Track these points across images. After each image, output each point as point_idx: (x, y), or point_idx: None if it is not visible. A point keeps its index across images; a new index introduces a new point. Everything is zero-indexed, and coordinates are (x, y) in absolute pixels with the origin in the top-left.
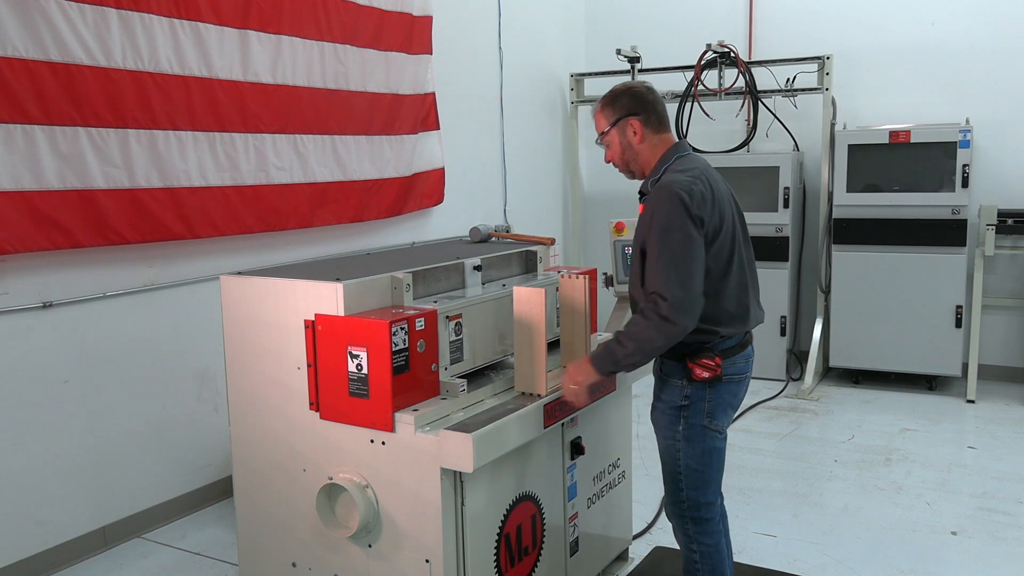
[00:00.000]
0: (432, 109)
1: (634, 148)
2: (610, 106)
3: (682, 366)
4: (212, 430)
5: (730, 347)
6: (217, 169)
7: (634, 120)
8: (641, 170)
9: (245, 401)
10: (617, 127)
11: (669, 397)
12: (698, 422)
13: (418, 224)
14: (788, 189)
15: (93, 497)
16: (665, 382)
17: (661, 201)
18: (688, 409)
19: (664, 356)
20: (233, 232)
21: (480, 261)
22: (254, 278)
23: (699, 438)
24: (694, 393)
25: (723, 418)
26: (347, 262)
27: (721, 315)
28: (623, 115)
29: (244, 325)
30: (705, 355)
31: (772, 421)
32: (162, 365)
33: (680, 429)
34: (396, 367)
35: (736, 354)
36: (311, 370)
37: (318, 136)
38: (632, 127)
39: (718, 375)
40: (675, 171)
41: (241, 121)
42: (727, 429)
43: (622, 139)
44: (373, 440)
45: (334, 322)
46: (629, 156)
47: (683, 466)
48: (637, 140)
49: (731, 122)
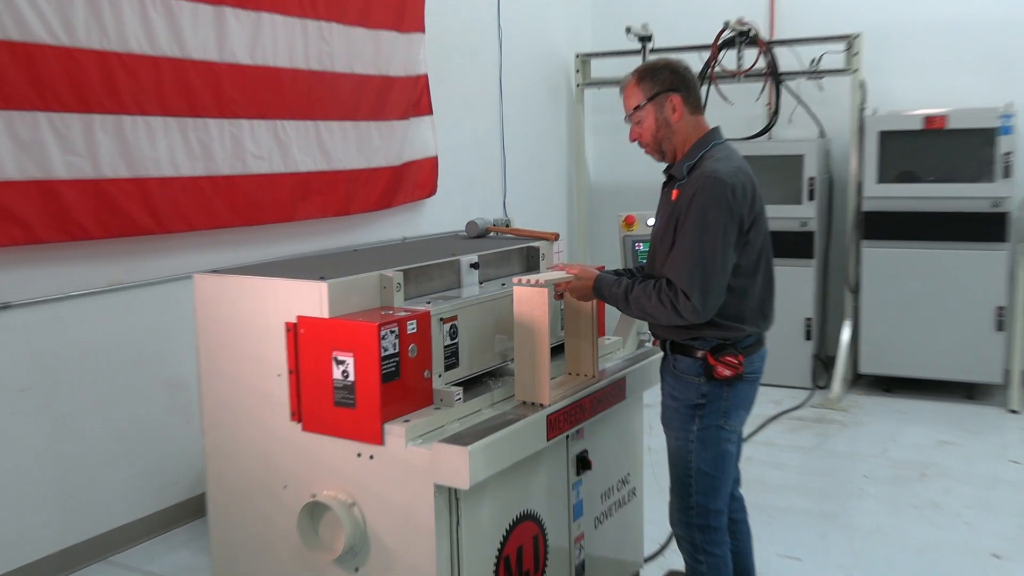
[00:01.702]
0: (425, 92)
1: (671, 126)
2: (649, 79)
3: (701, 363)
4: (184, 443)
5: (749, 345)
6: (190, 158)
7: (675, 97)
8: (674, 151)
9: (220, 411)
10: (655, 102)
11: (684, 395)
12: (714, 422)
13: (409, 218)
14: (813, 180)
15: (52, 516)
16: (679, 379)
17: (704, 190)
18: (704, 408)
19: (678, 352)
20: (207, 227)
21: (477, 258)
22: (230, 277)
23: (713, 440)
24: (712, 391)
25: (737, 419)
26: (332, 259)
27: (746, 312)
28: (663, 90)
29: (219, 328)
30: (728, 352)
31: (796, 433)
32: (129, 372)
33: (694, 429)
34: (385, 374)
35: (753, 353)
36: (292, 377)
37: (300, 122)
38: (672, 103)
39: (740, 373)
40: (716, 159)
41: (216, 106)
42: (739, 432)
43: (659, 115)
44: (360, 454)
45: (318, 325)
46: (664, 135)
47: (695, 469)
48: (676, 118)
49: (751, 107)
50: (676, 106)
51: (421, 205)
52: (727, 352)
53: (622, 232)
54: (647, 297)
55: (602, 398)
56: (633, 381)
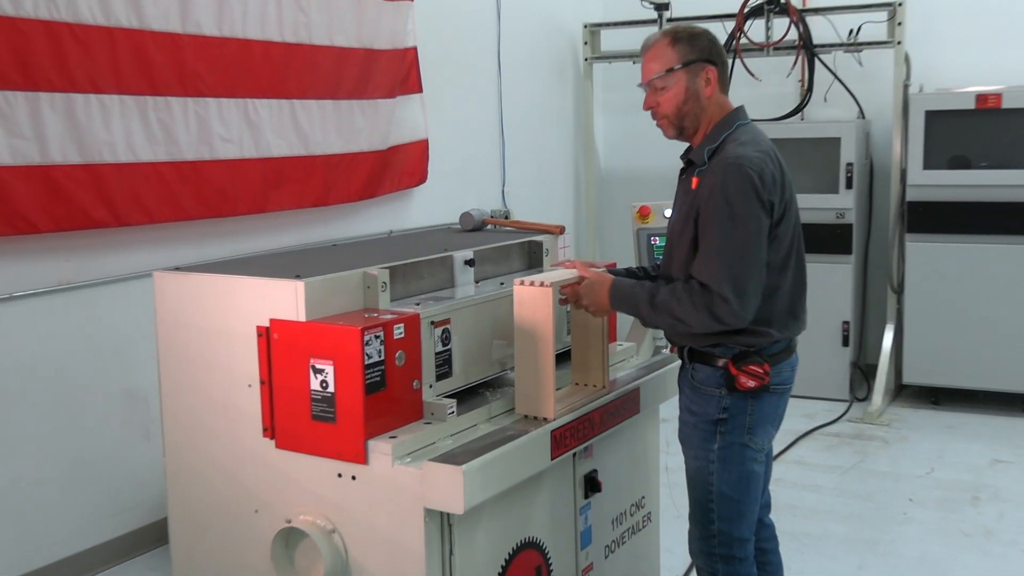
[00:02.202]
0: (413, 67)
1: (700, 101)
2: (686, 43)
3: (722, 373)
4: (143, 462)
5: (777, 353)
6: (149, 142)
7: (712, 69)
8: (694, 129)
9: (183, 427)
10: (689, 70)
11: (703, 409)
12: (737, 439)
13: (396, 208)
14: (851, 166)
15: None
16: (697, 391)
17: (729, 179)
18: (726, 424)
19: (696, 360)
20: (169, 219)
21: (472, 254)
22: (194, 275)
23: (737, 459)
24: (734, 405)
25: (763, 436)
26: (309, 255)
27: (774, 315)
28: (701, 58)
29: (182, 333)
30: (753, 360)
31: (832, 451)
32: (81, 383)
33: (715, 448)
34: (369, 384)
35: (782, 361)
36: (265, 388)
37: (274, 101)
38: (708, 75)
39: (765, 384)
40: (740, 142)
41: (179, 82)
42: (766, 451)
43: (690, 86)
44: (341, 474)
45: (293, 329)
46: (690, 109)
47: (716, 493)
48: (709, 92)
49: (781, 83)
50: (711, 79)
51: (409, 194)
52: (751, 360)
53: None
54: (677, 301)
55: (613, 411)
56: (648, 392)
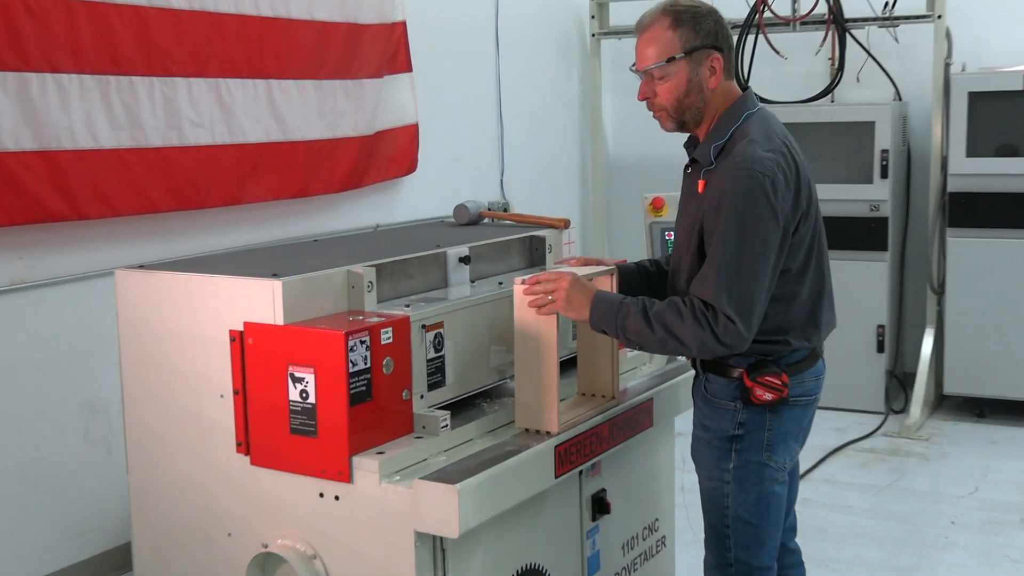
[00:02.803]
0: (402, 44)
1: (704, 93)
2: (690, 26)
3: (736, 385)
4: (105, 480)
5: (798, 361)
6: (112, 126)
7: (717, 57)
8: (696, 123)
9: (149, 441)
10: (692, 58)
11: (716, 424)
12: (754, 457)
13: (384, 200)
14: (887, 153)
15: None
16: (711, 405)
17: (738, 186)
18: (742, 440)
19: (709, 370)
20: (133, 211)
21: (468, 251)
22: (161, 274)
23: (754, 479)
24: (750, 419)
25: (785, 453)
26: (288, 252)
27: (792, 322)
28: (707, 44)
29: (147, 337)
30: (769, 371)
31: (866, 468)
32: (36, 392)
33: (730, 467)
34: (354, 394)
35: (805, 370)
36: (238, 399)
37: (249, 81)
38: (713, 64)
39: (784, 397)
40: (750, 139)
41: (144, 60)
42: (788, 469)
43: (692, 75)
44: (323, 494)
45: (270, 333)
46: (692, 101)
47: (732, 516)
48: (714, 83)
49: (809, 61)
50: (717, 68)
51: (398, 185)
52: (767, 370)
53: (649, 218)
54: (678, 315)
55: (624, 425)
56: (662, 404)
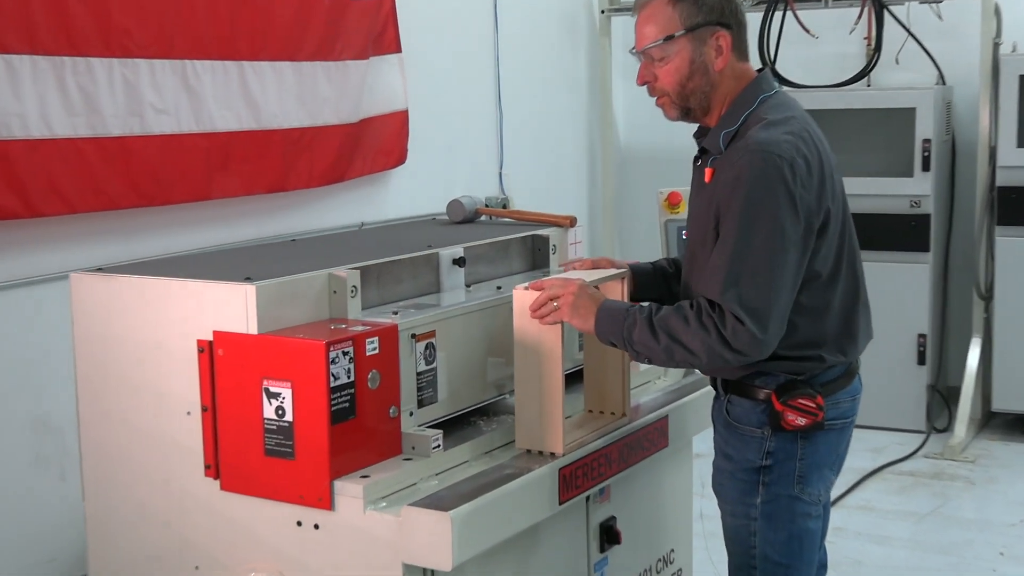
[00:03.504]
0: (391, 21)
1: (710, 76)
2: (687, 2)
3: (764, 408)
4: (58, 506)
5: (834, 380)
6: (67, 112)
7: (725, 35)
8: (703, 109)
9: (107, 463)
10: (695, 36)
11: (741, 454)
12: (784, 491)
13: (370, 195)
14: (929, 143)
15: None
16: (734, 431)
17: (751, 171)
18: (770, 472)
19: (732, 391)
20: (90, 208)
21: (463, 252)
22: (122, 277)
23: (785, 515)
24: (780, 448)
25: (819, 484)
26: (262, 253)
27: (825, 335)
28: (710, 21)
29: (106, 348)
30: (802, 392)
31: (905, 494)
32: None
33: (757, 502)
34: (336, 411)
35: (841, 389)
36: (207, 416)
37: (219, 63)
38: (719, 43)
39: (819, 421)
40: (765, 122)
41: (102, 40)
42: (823, 502)
43: (696, 56)
44: (301, 522)
45: (242, 344)
46: (696, 85)
47: (759, 557)
48: (720, 64)
49: (842, 41)
50: (724, 48)
51: (386, 178)
52: (800, 392)
53: (664, 215)
54: (683, 320)
55: (635, 445)
56: (678, 422)
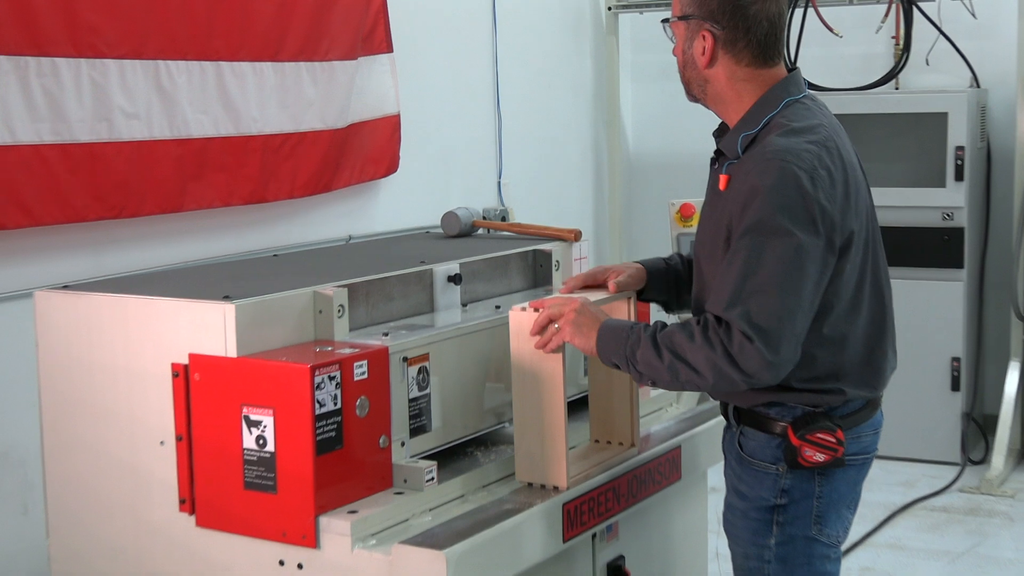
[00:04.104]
0: (382, 19)
1: (699, 70)
2: None
3: (780, 443)
4: (20, 543)
5: (855, 412)
6: (31, 117)
7: (708, 34)
8: (705, 99)
9: (73, 497)
10: (687, 26)
11: (754, 491)
12: (800, 532)
13: (358, 207)
14: (962, 150)
15: None
16: (747, 467)
17: (765, 180)
18: (785, 511)
19: (745, 422)
20: (55, 220)
21: (458, 268)
22: (90, 295)
23: (801, 558)
24: (796, 486)
25: (838, 524)
26: (242, 269)
27: (846, 365)
28: (698, 16)
29: (73, 372)
30: (821, 426)
31: (938, 532)
32: None
33: (771, 543)
34: (321, 441)
35: (863, 422)
36: (182, 446)
37: (194, 63)
38: (704, 43)
39: (840, 459)
40: (788, 128)
41: (69, 38)
42: (842, 543)
43: (686, 47)
44: (284, 561)
45: (220, 367)
46: (691, 76)
47: None
48: (703, 62)
49: (868, 41)
50: (707, 48)
51: (376, 188)
52: (819, 425)
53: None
54: (686, 335)
55: (646, 478)
56: (692, 453)
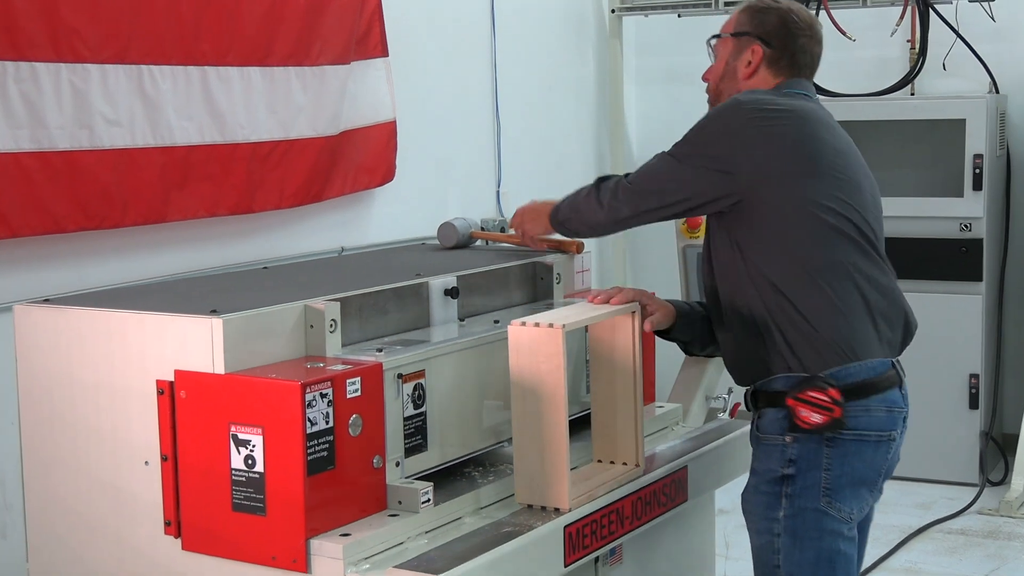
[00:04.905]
0: (376, 21)
1: (738, 83)
2: (751, 13)
3: (785, 414)
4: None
5: (862, 382)
6: (9, 124)
7: (759, 49)
8: None
9: (54, 519)
10: (738, 42)
11: (763, 464)
12: (808, 504)
13: (351, 217)
14: (981, 158)
15: None
16: (760, 444)
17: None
18: (793, 482)
19: (762, 402)
20: (34, 231)
21: (456, 281)
22: (71, 309)
23: (811, 532)
24: (802, 456)
25: (852, 502)
26: (229, 283)
27: (853, 321)
28: (752, 33)
29: (54, 389)
30: (813, 385)
31: (956, 555)
32: None
33: (780, 516)
34: (313, 461)
35: (871, 394)
36: (168, 466)
37: (179, 68)
38: (751, 56)
39: (838, 419)
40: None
41: (50, 41)
42: (857, 521)
43: (731, 59)
44: None
45: (207, 384)
46: (724, 87)
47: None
48: (746, 74)
49: (883, 44)
50: (754, 61)
51: (369, 198)
52: (811, 384)
53: (682, 239)
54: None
55: (650, 500)
56: (699, 473)
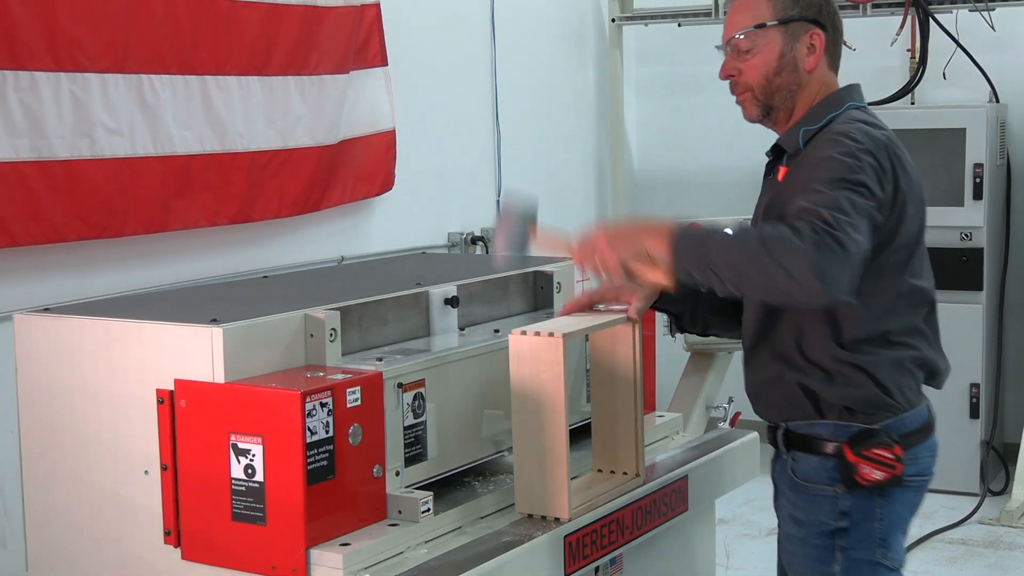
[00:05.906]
0: (376, 30)
1: (800, 74)
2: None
3: (835, 464)
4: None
5: (912, 432)
6: (9, 133)
7: (819, 33)
8: (787, 109)
9: (55, 528)
10: (787, 29)
11: (812, 516)
12: (866, 556)
13: (351, 226)
14: (981, 168)
15: None
16: (803, 492)
17: (832, 150)
18: (847, 535)
19: (796, 446)
20: (34, 240)
21: (456, 290)
22: (71, 319)
23: None
24: (856, 507)
25: (899, 547)
26: (229, 292)
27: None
28: (806, 16)
29: (54, 398)
30: (879, 442)
31: (957, 565)
32: None
33: (835, 570)
34: (313, 470)
35: (919, 442)
36: (167, 476)
37: (179, 77)
38: (812, 41)
39: (898, 476)
40: (853, 120)
41: (49, 51)
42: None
43: (786, 51)
44: None
45: (207, 393)
46: (783, 82)
47: None
48: (811, 63)
49: (883, 54)
50: (817, 47)
51: (369, 207)
52: (876, 441)
53: None
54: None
55: (651, 509)
56: (700, 482)
